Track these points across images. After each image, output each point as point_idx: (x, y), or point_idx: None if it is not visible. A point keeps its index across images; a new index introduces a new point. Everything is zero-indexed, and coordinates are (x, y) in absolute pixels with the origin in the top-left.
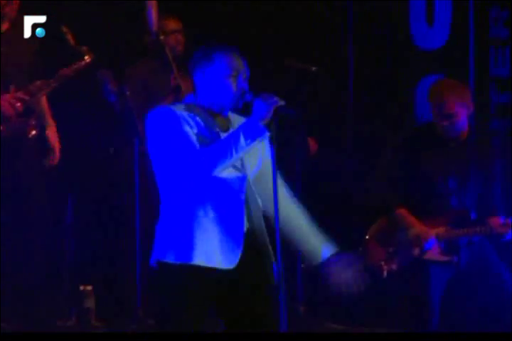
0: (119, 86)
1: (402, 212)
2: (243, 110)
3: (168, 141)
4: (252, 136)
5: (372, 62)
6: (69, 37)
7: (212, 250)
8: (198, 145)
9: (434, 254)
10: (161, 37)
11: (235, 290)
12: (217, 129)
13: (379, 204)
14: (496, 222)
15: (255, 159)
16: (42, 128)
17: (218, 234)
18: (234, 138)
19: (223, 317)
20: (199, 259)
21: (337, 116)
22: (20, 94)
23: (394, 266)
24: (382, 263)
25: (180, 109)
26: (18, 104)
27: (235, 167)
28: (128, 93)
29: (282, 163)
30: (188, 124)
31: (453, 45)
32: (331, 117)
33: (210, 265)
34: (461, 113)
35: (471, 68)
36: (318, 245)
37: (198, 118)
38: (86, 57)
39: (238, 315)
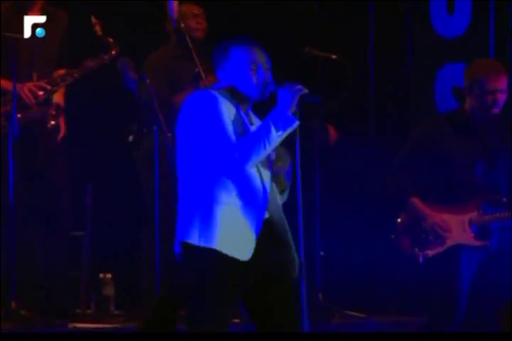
0: (139, 74)
1: (414, 201)
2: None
3: (207, 127)
4: (283, 126)
5: (392, 50)
6: (97, 28)
7: (232, 240)
8: (233, 137)
9: (466, 239)
10: (182, 25)
11: (256, 279)
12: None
13: (396, 193)
14: None
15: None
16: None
17: (241, 224)
18: (265, 131)
19: (246, 306)
20: (220, 246)
21: (357, 105)
22: (42, 83)
23: (430, 252)
24: (417, 249)
25: (220, 95)
26: (41, 93)
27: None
28: (148, 81)
29: (301, 152)
30: (228, 110)
31: (473, 33)
32: (351, 106)
33: (228, 254)
34: (506, 91)
35: (491, 56)
36: None
37: (232, 103)
38: (111, 50)
39: (260, 304)
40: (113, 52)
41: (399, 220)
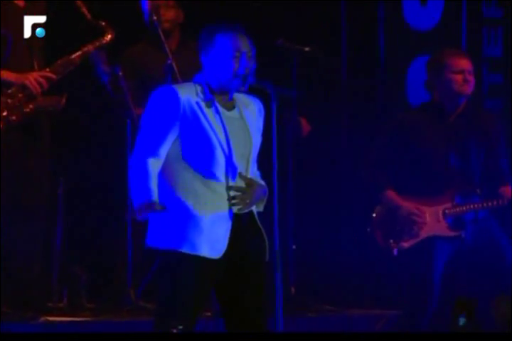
0: (112, 66)
1: (389, 193)
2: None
3: (142, 125)
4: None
5: (365, 42)
6: (84, 11)
7: (199, 239)
8: (164, 138)
9: (441, 230)
10: (154, 17)
11: (231, 274)
12: (222, 110)
13: (370, 187)
14: (510, 191)
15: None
16: None
17: (206, 223)
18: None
19: (217, 295)
20: (186, 248)
21: (330, 97)
22: (47, 73)
23: (405, 244)
24: (391, 241)
25: (184, 90)
26: (44, 82)
27: (223, 151)
28: (120, 73)
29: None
30: (185, 107)
31: (446, 25)
32: (323, 98)
33: (197, 253)
34: (473, 74)
35: (463, 48)
36: None
37: (200, 99)
38: (107, 33)
39: (230, 294)
40: (109, 35)
41: (374, 214)
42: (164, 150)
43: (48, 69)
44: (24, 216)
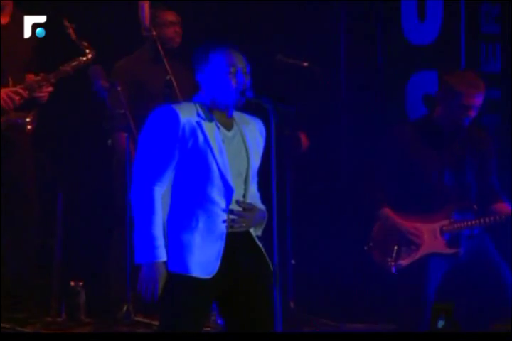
0: (111, 81)
1: (385, 211)
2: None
3: (142, 149)
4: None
5: (364, 57)
6: (70, 31)
7: (190, 260)
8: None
9: (439, 247)
10: (154, 33)
11: (230, 292)
12: (221, 129)
13: (365, 204)
14: (504, 207)
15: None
16: None
17: (198, 244)
18: (139, 228)
19: (221, 314)
20: (178, 268)
21: (329, 112)
22: (19, 89)
23: (403, 262)
24: (389, 259)
25: (184, 111)
26: (17, 98)
27: (220, 173)
28: (119, 88)
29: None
30: (184, 128)
31: (444, 41)
32: (323, 113)
33: (188, 274)
34: (479, 108)
35: (461, 64)
36: None
37: (200, 119)
38: (87, 53)
39: (234, 313)
40: (89, 56)
41: (374, 231)
42: (168, 176)
43: (21, 86)
44: (22, 229)
